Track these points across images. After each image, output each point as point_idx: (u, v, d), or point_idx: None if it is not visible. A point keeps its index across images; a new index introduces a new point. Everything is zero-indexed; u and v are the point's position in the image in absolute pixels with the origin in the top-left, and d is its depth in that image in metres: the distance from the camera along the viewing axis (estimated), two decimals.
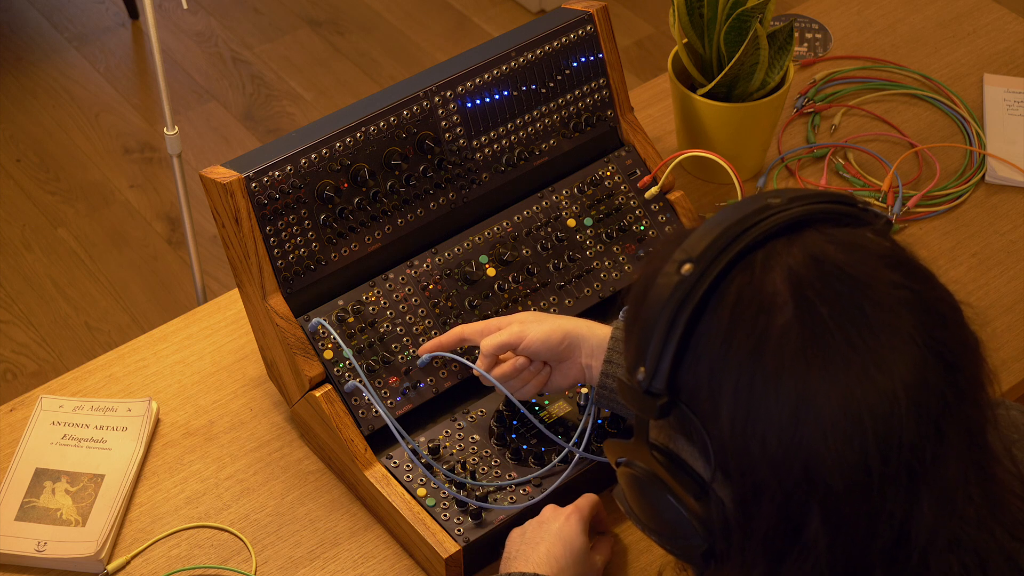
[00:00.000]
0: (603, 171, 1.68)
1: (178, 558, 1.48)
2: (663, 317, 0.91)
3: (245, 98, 3.48)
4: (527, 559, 1.34)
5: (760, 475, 0.89)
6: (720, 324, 0.91)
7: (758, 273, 0.91)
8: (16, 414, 1.61)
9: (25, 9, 3.75)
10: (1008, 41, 2.11)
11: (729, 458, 0.91)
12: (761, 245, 0.92)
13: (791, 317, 0.89)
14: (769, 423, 0.89)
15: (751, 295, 0.90)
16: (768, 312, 0.89)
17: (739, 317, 0.90)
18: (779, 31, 1.78)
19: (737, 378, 0.89)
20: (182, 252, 3.08)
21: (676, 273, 0.92)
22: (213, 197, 1.47)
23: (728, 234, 0.92)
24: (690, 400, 0.92)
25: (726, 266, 0.91)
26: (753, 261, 0.91)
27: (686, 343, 0.92)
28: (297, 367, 1.48)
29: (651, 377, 0.92)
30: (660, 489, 0.96)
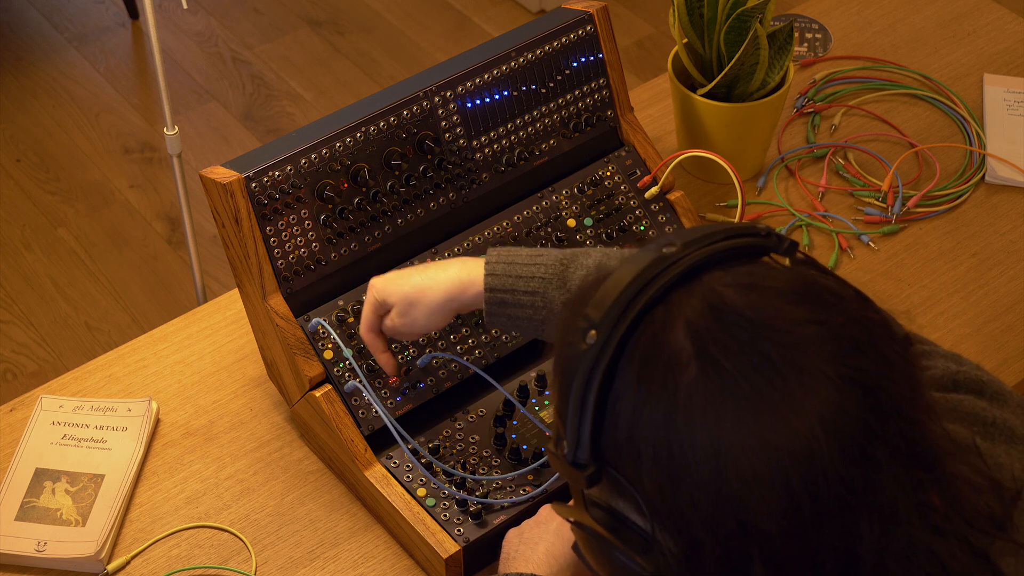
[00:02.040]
0: (603, 171, 1.68)
1: (178, 558, 1.48)
2: (575, 391, 0.92)
3: (245, 98, 3.48)
4: (527, 559, 1.34)
5: (695, 531, 0.89)
6: (630, 389, 0.91)
7: (660, 331, 0.90)
8: (16, 414, 1.61)
9: (25, 9, 3.75)
10: (1008, 41, 2.11)
11: (662, 516, 0.91)
12: (661, 300, 0.92)
13: (696, 374, 0.88)
14: (692, 480, 0.88)
15: (656, 354, 0.90)
16: (674, 371, 0.89)
17: (647, 377, 0.90)
18: (779, 31, 1.78)
19: (654, 440, 0.89)
20: (182, 252, 3.08)
21: (582, 342, 0.93)
22: (213, 197, 1.47)
23: (627, 294, 0.92)
24: (615, 464, 0.93)
25: (628, 328, 0.91)
26: (654, 319, 0.91)
27: (601, 412, 0.92)
28: (297, 367, 1.48)
29: (575, 449, 0.93)
30: (608, 547, 0.96)
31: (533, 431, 1.50)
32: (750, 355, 0.88)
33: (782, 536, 0.88)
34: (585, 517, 0.97)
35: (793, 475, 0.87)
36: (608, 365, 0.91)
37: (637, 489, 0.91)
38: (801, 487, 0.87)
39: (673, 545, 0.91)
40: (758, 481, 0.87)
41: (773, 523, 0.87)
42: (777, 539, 0.88)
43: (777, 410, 0.87)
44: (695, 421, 0.88)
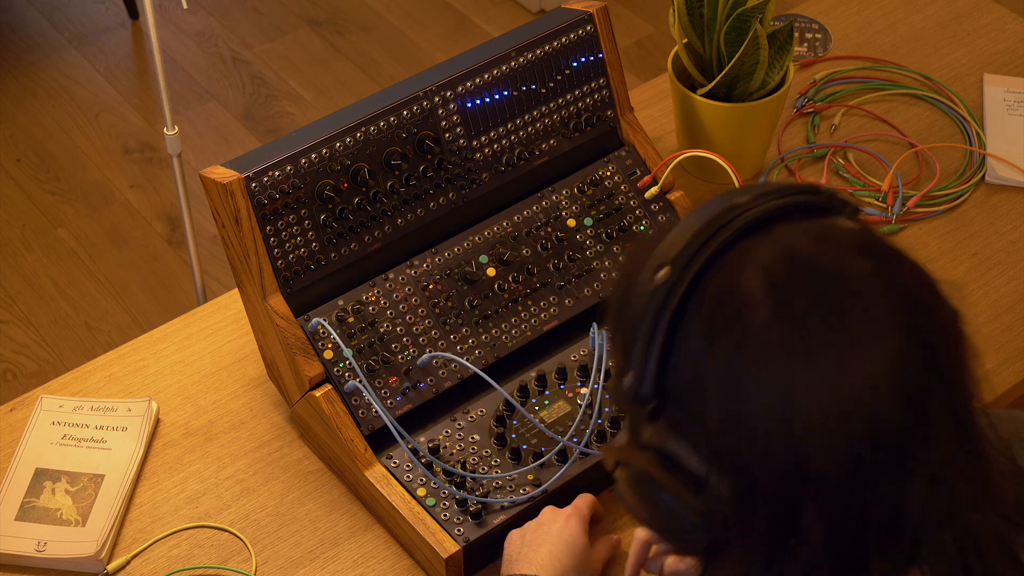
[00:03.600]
0: (603, 171, 1.68)
1: (178, 558, 1.48)
2: (645, 323, 0.93)
3: (245, 98, 3.48)
4: (530, 561, 1.34)
5: (752, 471, 0.91)
6: (701, 325, 0.92)
7: (733, 273, 0.92)
8: (16, 414, 1.61)
9: (25, 9, 3.75)
10: (1008, 41, 2.11)
11: (721, 456, 0.92)
12: (733, 245, 0.93)
13: (769, 315, 0.90)
14: (756, 419, 0.90)
15: (728, 295, 0.91)
16: (746, 311, 0.90)
17: (718, 317, 0.91)
18: (779, 31, 1.78)
19: (721, 377, 0.91)
20: (182, 252, 3.08)
21: (652, 280, 0.94)
22: (213, 197, 1.47)
23: (700, 236, 0.94)
24: (678, 401, 0.94)
25: (701, 268, 0.93)
26: (727, 261, 0.93)
27: (669, 346, 0.93)
28: (297, 367, 1.48)
29: (639, 384, 0.94)
30: (658, 488, 0.96)
31: (533, 431, 1.50)
32: (821, 302, 0.90)
33: (838, 483, 0.89)
34: (638, 454, 0.97)
35: (856, 422, 0.88)
36: (680, 301, 0.92)
37: (698, 427, 0.92)
38: (863, 434, 0.89)
39: (726, 488, 0.92)
40: (822, 425, 0.88)
41: (831, 469, 0.89)
42: (833, 486, 0.89)
43: (845, 357, 0.89)
44: (764, 361, 0.89)
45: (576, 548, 1.37)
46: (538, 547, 1.35)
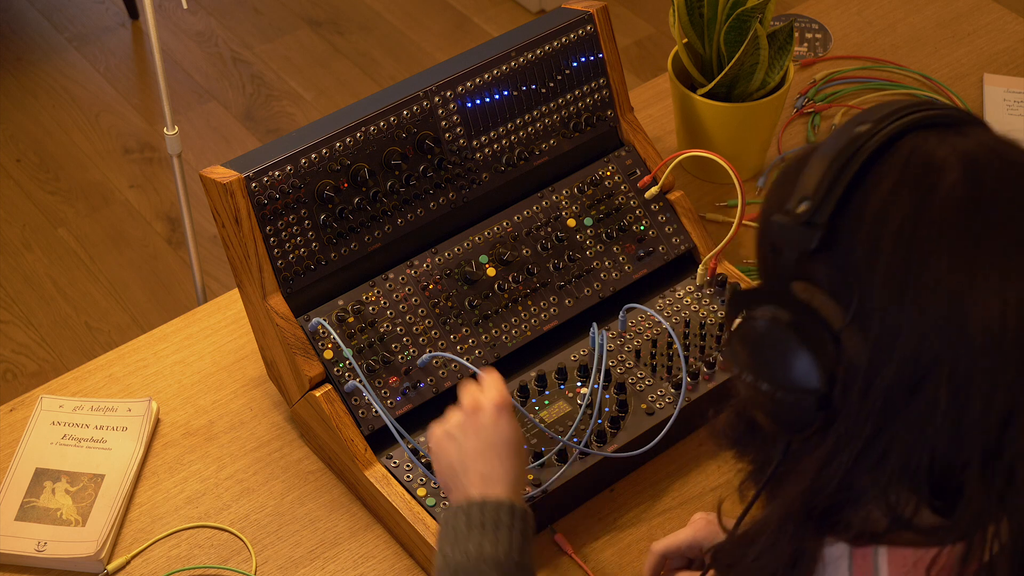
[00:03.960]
0: (603, 171, 1.68)
1: (178, 558, 1.48)
2: (837, 158, 0.95)
3: (245, 98, 3.48)
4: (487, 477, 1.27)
5: (902, 319, 0.91)
6: (889, 173, 0.94)
7: (930, 143, 0.95)
8: (16, 414, 1.61)
9: (25, 9, 3.75)
10: (1008, 41, 2.11)
11: (875, 300, 0.93)
12: (932, 126, 0.97)
13: (959, 177, 0.93)
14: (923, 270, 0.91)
15: (922, 155, 0.94)
16: (938, 170, 0.93)
17: (909, 169, 0.94)
18: (779, 31, 1.78)
19: (901, 223, 0.92)
20: (182, 252, 3.08)
21: (850, 130, 0.97)
22: (213, 197, 1.47)
23: (904, 110, 0.97)
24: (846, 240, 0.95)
25: (900, 129, 0.96)
26: (925, 135, 0.96)
27: (854, 185, 0.95)
28: (297, 367, 1.48)
29: (815, 210, 0.95)
30: (792, 334, 0.96)
31: (533, 431, 1.50)
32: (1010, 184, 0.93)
33: (980, 352, 0.91)
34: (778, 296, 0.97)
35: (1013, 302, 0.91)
36: (874, 150, 0.95)
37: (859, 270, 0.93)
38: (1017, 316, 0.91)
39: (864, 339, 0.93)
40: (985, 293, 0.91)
41: (980, 337, 0.90)
42: (974, 354, 0.91)
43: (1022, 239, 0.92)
44: (947, 218, 0.92)
45: (520, 444, 1.30)
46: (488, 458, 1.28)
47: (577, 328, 1.59)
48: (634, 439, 1.49)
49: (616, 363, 1.56)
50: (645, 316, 1.61)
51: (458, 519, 1.24)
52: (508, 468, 1.28)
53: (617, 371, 1.55)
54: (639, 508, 1.51)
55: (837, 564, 1.00)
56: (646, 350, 1.57)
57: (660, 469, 1.54)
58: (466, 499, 1.26)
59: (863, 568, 0.99)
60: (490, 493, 1.26)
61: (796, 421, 0.98)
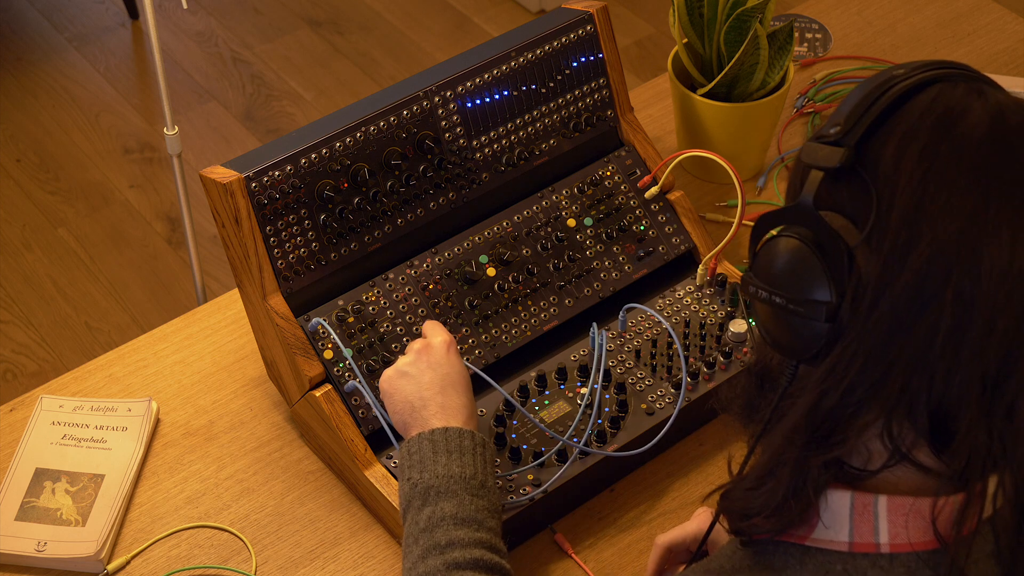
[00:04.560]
0: (603, 171, 1.68)
1: (178, 558, 1.48)
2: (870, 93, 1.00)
3: (245, 98, 3.48)
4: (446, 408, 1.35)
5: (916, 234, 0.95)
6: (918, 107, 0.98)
7: (960, 91, 0.99)
8: (16, 414, 1.61)
9: (25, 9, 3.75)
10: (1008, 41, 2.11)
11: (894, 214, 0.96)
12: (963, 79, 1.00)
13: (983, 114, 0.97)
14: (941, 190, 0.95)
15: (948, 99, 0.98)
16: (964, 109, 0.97)
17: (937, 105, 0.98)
18: (779, 31, 1.78)
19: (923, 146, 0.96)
20: (182, 252, 3.08)
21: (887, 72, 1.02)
22: (213, 197, 1.47)
23: (939, 63, 1.01)
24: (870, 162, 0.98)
25: (932, 77, 1.00)
26: (956, 84, 1.00)
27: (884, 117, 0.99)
28: (297, 367, 1.48)
29: (844, 133, 0.99)
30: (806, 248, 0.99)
31: (533, 431, 1.50)
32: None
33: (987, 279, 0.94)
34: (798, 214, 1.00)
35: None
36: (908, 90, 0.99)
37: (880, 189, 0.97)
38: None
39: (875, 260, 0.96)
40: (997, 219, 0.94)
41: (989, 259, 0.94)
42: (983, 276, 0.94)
43: None
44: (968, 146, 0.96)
45: (466, 381, 1.39)
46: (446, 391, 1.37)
47: (577, 328, 1.59)
48: (634, 439, 1.49)
49: (616, 363, 1.56)
50: (645, 316, 1.61)
51: (423, 446, 1.32)
52: (464, 401, 1.37)
53: (617, 371, 1.55)
54: (639, 508, 1.51)
55: (838, 512, 1.02)
56: (646, 350, 1.58)
57: (660, 469, 1.54)
58: (428, 429, 1.34)
59: (863, 516, 1.01)
60: (451, 422, 1.34)
61: (805, 339, 1.00)
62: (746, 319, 1.56)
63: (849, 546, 1.01)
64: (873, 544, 1.01)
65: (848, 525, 1.02)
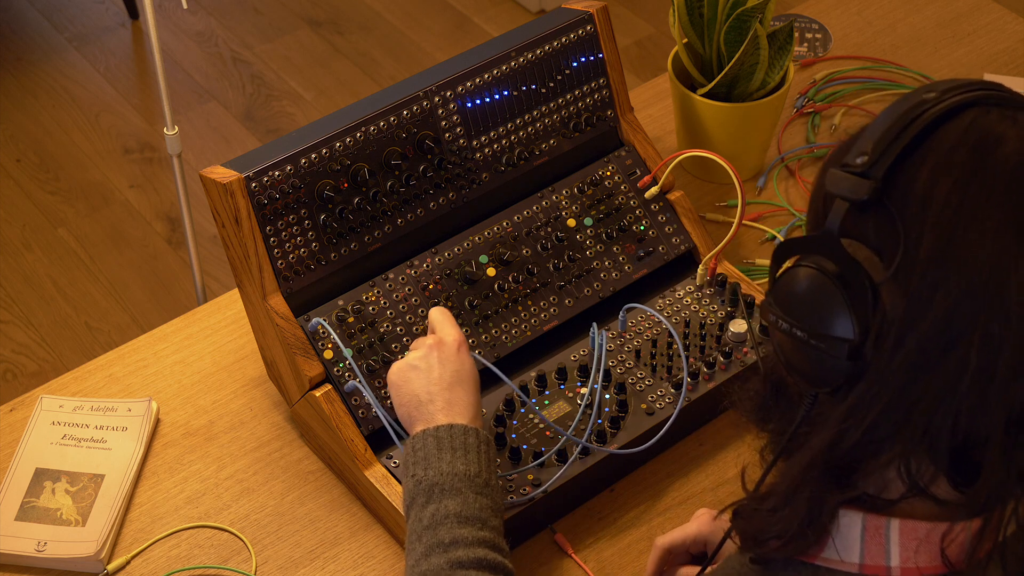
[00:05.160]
0: (603, 171, 1.68)
1: (178, 558, 1.48)
2: (900, 119, 0.97)
3: (245, 98, 3.48)
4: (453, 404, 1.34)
5: (944, 274, 0.92)
6: (949, 137, 0.95)
7: (993, 117, 0.96)
8: (16, 414, 1.61)
9: (25, 9, 3.75)
10: (1008, 41, 2.11)
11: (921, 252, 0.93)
12: (998, 105, 0.98)
13: (1016, 148, 0.94)
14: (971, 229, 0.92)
15: (983, 126, 0.96)
16: (996, 141, 0.95)
17: (968, 136, 0.95)
18: (779, 31, 1.78)
19: (954, 183, 0.93)
20: (182, 252, 3.08)
21: (917, 96, 0.99)
22: (213, 197, 1.47)
23: (972, 85, 0.99)
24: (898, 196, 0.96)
25: (963, 102, 0.97)
26: (989, 109, 0.97)
27: (913, 147, 0.96)
28: (297, 367, 1.48)
29: (872, 164, 0.96)
30: (831, 283, 0.97)
31: (533, 431, 1.50)
32: None
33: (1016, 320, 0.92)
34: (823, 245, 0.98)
35: None
36: (937, 116, 0.96)
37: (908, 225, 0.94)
38: None
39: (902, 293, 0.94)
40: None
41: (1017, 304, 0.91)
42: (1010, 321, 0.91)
43: None
44: (1000, 182, 0.93)
45: (476, 380, 1.39)
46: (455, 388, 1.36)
47: (577, 328, 1.59)
48: (634, 439, 1.49)
49: (616, 363, 1.56)
50: (645, 316, 1.61)
51: (427, 443, 1.32)
52: (472, 399, 1.37)
53: (617, 371, 1.55)
54: (639, 508, 1.51)
55: (850, 533, 1.01)
56: (646, 350, 1.57)
57: (660, 469, 1.54)
58: (433, 425, 1.33)
59: (875, 538, 1.00)
60: (456, 420, 1.34)
61: (826, 372, 0.99)
62: (746, 319, 1.56)
63: (860, 567, 1.01)
64: (884, 567, 1.00)
65: (859, 547, 1.01)
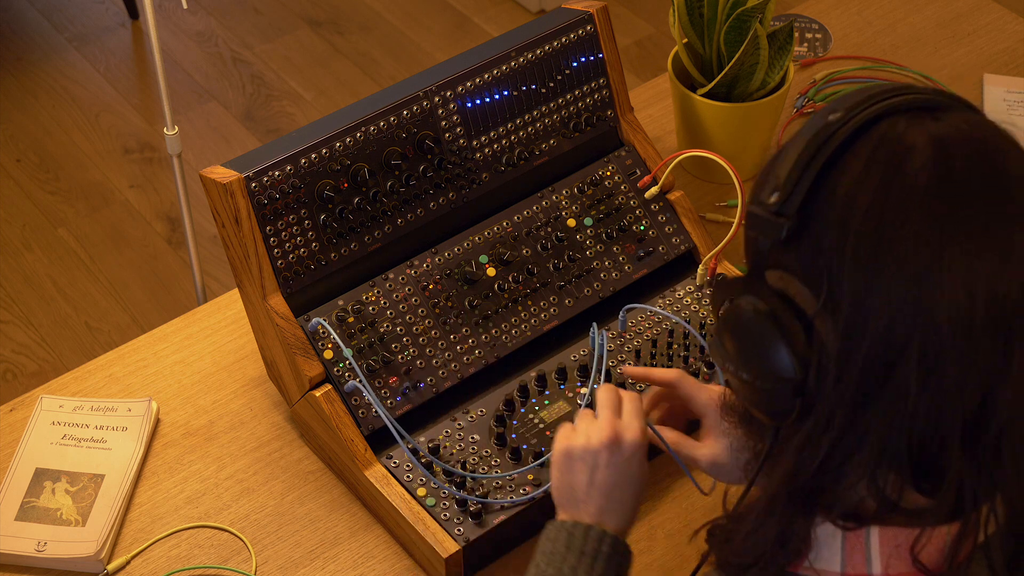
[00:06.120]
0: (603, 171, 1.68)
1: (178, 558, 1.48)
2: (807, 148, 0.96)
3: (245, 98, 3.48)
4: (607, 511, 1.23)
5: (871, 304, 0.92)
6: (857, 161, 0.94)
7: (901, 129, 0.95)
8: (16, 414, 1.61)
9: (25, 9, 3.75)
10: (1008, 41, 2.11)
11: (844, 286, 0.93)
12: (904, 111, 0.97)
13: (927, 161, 0.93)
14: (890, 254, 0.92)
15: (892, 141, 0.95)
16: (906, 156, 0.93)
17: (878, 154, 0.94)
18: (779, 31, 1.78)
19: (867, 208, 0.93)
20: (182, 252, 3.08)
21: (822, 119, 0.97)
22: (213, 197, 1.47)
23: (877, 96, 0.97)
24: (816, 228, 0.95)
25: (872, 118, 0.96)
26: (897, 120, 0.96)
27: (823, 175, 0.95)
28: (297, 367, 1.48)
29: (784, 201, 0.96)
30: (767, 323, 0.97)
31: (533, 431, 1.50)
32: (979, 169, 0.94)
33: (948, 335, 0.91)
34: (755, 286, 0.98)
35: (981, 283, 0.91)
36: (844, 139, 0.95)
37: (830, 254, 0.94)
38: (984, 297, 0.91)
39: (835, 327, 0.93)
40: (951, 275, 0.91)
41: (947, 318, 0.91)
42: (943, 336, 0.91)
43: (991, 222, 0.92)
44: (913, 202, 0.92)
45: (643, 485, 1.26)
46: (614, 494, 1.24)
47: (577, 328, 1.59)
48: None
49: (616, 363, 1.56)
50: (645, 316, 1.61)
51: (559, 537, 1.22)
52: (630, 505, 1.25)
53: (617, 371, 1.55)
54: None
55: (830, 543, 1.01)
56: (646, 350, 1.57)
57: (660, 469, 1.54)
58: (572, 521, 1.24)
59: (855, 547, 1.00)
60: (602, 523, 1.23)
61: (777, 409, 0.99)
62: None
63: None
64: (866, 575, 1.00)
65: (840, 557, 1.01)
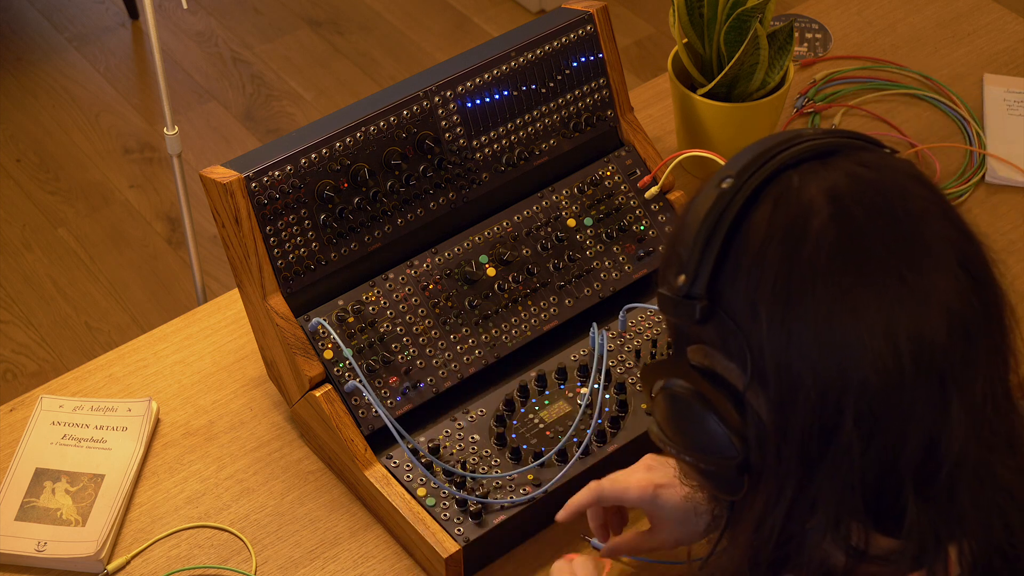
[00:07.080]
0: (603, 171, 1.68)
1: (178, 558, 1.48)
2: (704, 225, 0.94)
3: (245, 98, 3.48)
4: None
5: (796, 374, 0.91)
6: (757, 229, 0.93)
7: (795, 186, 0.94)
8: (16, 414, 1.61)
9: (25, 9, 3.75)
10: (1008, 41, 2.11)
11: (767, 360, 0.92)
12: (796, 166, 0.95)
13: (827, 219, 0.91)
14: (805, 321, 0.91)
15: (788, 202, 0.93)
16: (805, 216, 0.92)
17: (776, 222, 0.93)
18: (779, 31, 1.78)
19: (775, 278, 0.92)
20: (182, 252, 3.08)
21: (716, 188, 0.96)
22: (213, 197, 1.47)
23: (766, 154, 0.96)
24: (729, 304, 0.94)
25: (764, 180, 0.95)
26: (790, 177, 0.95)
27: (726, 249, 0.94)
28: (297, 367, 1.48)
29: (691, 282, 0.95)
30: (697, 405, 0.96)
31: (533, 431, 1.50)
32: (882, 212, 0.92)
33: (880, 390, 0.90)
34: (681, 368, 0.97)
35: (903, 333, 0.90)
36: (740, 208, 0.94)
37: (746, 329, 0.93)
38: (908, 347, 0.90)
39: (766, 399, 0.93)
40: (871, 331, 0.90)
41: (874, 374, 0.89)
42: (875, 393, 0.90)
43: (900, 268, 0.91)
44: (820, 262, 0.91)
45: None
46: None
47: (577, 328, 1.59)
48: (634, 439, 1.49)
49: (616, 363, 1.56)
50: (645, 316, 1.61)
51: None
52: None
53: (617, 371, 1.55)
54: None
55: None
56: (646, 350, 1.57)
57: None
58: None
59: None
60: None
61: (726, 486, 0.98)
62: None
63: None
64: None
65: None
